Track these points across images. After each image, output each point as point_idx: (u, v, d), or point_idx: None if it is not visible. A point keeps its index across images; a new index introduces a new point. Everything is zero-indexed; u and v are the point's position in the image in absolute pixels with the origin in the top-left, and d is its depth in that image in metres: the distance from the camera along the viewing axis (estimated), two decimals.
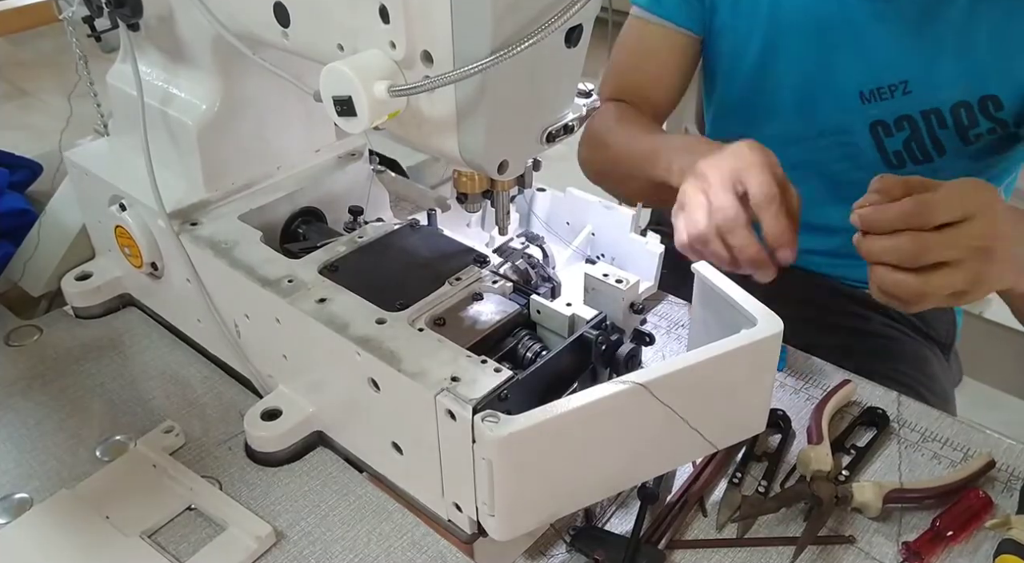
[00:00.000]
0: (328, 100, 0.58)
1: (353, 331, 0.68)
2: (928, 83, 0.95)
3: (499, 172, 0.63)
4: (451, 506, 0.68)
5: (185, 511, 0.72)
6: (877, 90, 0.97)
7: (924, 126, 0.97)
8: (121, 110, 0.89)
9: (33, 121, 3.15)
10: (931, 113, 0.96)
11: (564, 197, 0.91)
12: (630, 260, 0.87)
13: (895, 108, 0.97)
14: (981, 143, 0.97)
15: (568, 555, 0.69)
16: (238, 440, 0.79)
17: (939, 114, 0.95)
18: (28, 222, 1.02)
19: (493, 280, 0.76)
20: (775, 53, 1.03)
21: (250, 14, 0.69)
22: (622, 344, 0.71)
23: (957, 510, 0.70)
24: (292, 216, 0.89)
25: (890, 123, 0.98)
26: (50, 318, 0.95)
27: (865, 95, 0.98)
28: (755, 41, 1.04)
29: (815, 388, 0.84)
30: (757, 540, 0.70)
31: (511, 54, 0.52)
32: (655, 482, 0.72)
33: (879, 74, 0.97)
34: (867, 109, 0.99)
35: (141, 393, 0.85)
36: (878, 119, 0.99)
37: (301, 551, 0.69)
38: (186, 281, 0.82)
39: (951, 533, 0.68)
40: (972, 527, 0.69)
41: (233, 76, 0.81)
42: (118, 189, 0.86)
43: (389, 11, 0.57)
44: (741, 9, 1.04)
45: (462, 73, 0.54)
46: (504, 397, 0.62)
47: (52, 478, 0.76)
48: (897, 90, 0.96)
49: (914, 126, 0.97)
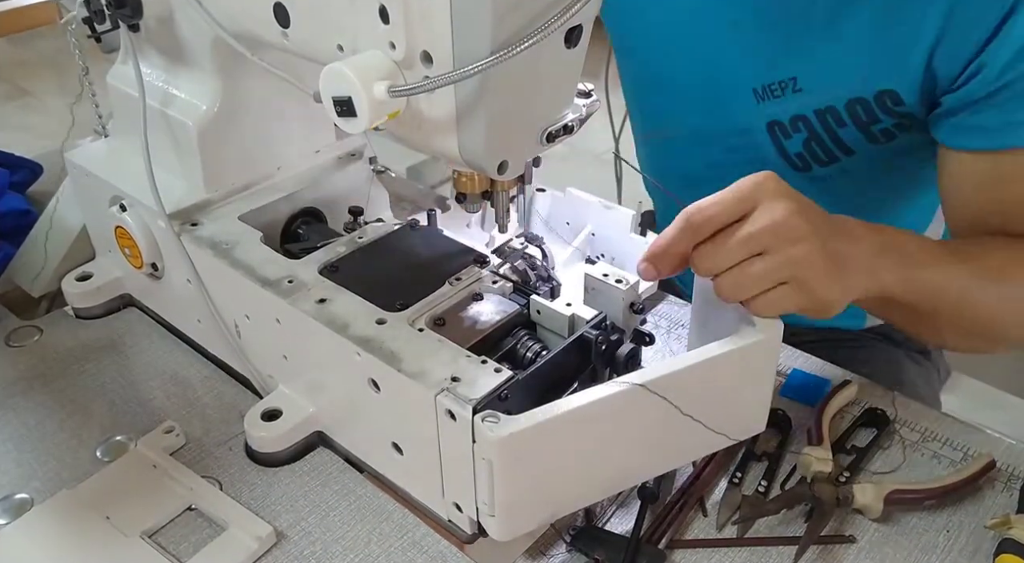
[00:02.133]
0: (328, 101, 0.58)
1: (353, 331, 0.68)
2: (817, 79, 0.89)
3: (499, 172, 0.63)
4: (451, 506, 0.68)
5: (185, 511, 0.72)
6: (768, 87, 0.92)
7: (821, 126, 0.90)
8: (121, 111, 0.89)
9: (33, 121, 3.16)
10: (826, 112, 0.89)
11: (564, 197, 0.91)
12: (630, 260, 0.87)
13: (788, 107, 0.91)
14: (894, 142, 0.89)
15: (568, 555, 0.69)
16: (238, 440, 0.79)
17: (834, 112, 0.89)
18: (28, 222, 1.02)
19: (493, 280, 0.76)
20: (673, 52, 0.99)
21: (250, 14, 0.69)
22: (622, 344, 0.71)
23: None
24: (292, 216, 0.89)
25: (786, 123, 0.92)
26: (50, 318, 0.95)
27: (759, 92, 0.92)
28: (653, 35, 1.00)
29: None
30: (757, 540, 0.70)
31: (511, 54, 0.52)
32: (655, 482, 0.72)
33: (767, 71, 0.91)
34: (762, 108, 0.93)
35: (141, 393, 0.85)
36: (774, 119, 0.93)
37: (301, 551, 0.69)
38: (186, 281, 0.82)
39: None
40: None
41: (233, 77, 0.81)
42: (118, 190, 0.86)
43: (389, 11, 0.57)
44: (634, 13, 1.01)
45: (462, 73, 0.54)
46: (504, 397, 0.62)
47: (52, 478, 0.76)
48: (788, 87, 0.90)
49: (810, 126, 0.91)
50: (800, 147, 0.93)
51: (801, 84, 0.90)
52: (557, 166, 0.92)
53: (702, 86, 0.98)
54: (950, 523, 0.71)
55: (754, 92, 0.93)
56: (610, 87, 1.31)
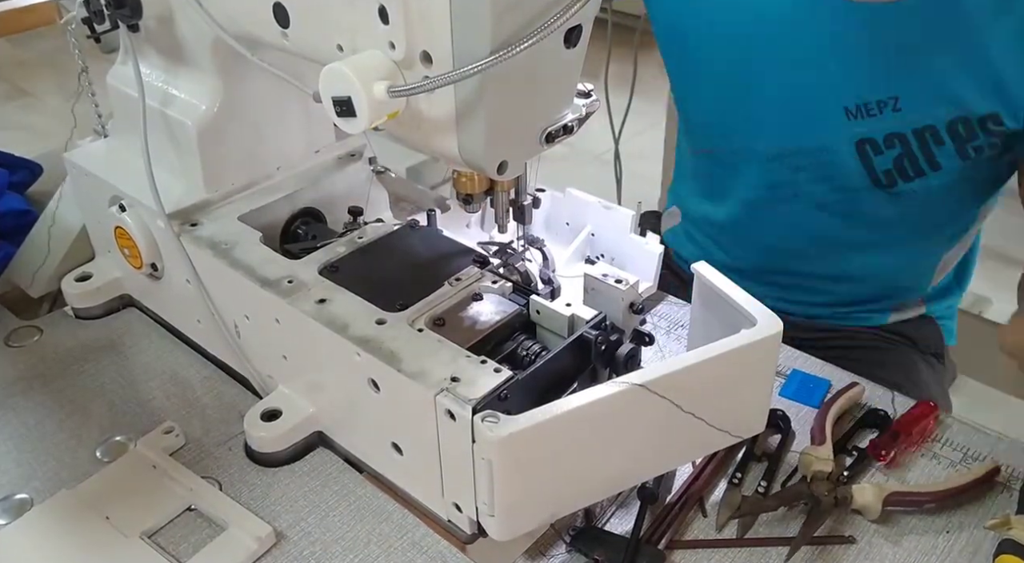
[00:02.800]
0: (327, 100, 0.58)
1: (353, 331, 0.68)
2: (921, 99, 0.89)
3: (499, 172, 0.63)
4: (451, 506, 0.68)
5: (185, 511, 0.72)
6: (864, 106, 0.91)
7: (917, 144, 0.91)
8: (121, 111, 0.89)
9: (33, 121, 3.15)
10: (925, 131, 0.90)
11: (564, 197, 0.91)
12: (630, 260, 0.87)
13: (884, 125, 0.91)
14: (981, 156, 0.91)
15: (568, 555, 0.69)
16: (238, 440, 0.79)
17: (934, 132, 0.89)
18: (28, 222, 1.02)
19: (493, 280, 0.76)
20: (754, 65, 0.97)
21: (249, 15, 0.69)
22: (622, 344, 0.71)
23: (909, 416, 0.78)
24: (292, 216, 0.89)
25: (879, 141, 0.92)
26: (50, 319, 0.96)
27: (851, 111, 0.92)
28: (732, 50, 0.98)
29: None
30: (757, 540, 0.70)
31: (510, 55, 0.52)
32: (655, 482, 0.72)
33: (867, 89, 0.91)
34: (853, 126, 0.92)
35: (141, 394, 0.85)
36: (865, 137, 0.92)
37: (301, 551, 0.69)
38: (186, 282, 0.82)
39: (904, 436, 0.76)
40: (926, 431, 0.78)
41: (233, 77, 0.81)
42: (118, 190, 0.86)
43: (388, 11, 0.57)
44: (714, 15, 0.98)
45: (461, 73, 0.54)
46: (504, 397, 0.62)
47: (52, 479, 0.76)
48: (887, 106, 0.90)
49: (906, 144, 0.91)
50: (890, 164, 0.93)
51: (903, 104, 0.90)
52: (557, 166, 0.92)
53: (787, 102, 0.96)
54: (950, 524, 0.71)
55: (846, 110, 0.92)
56: (610, 87, 1.31)
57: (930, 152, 0.91)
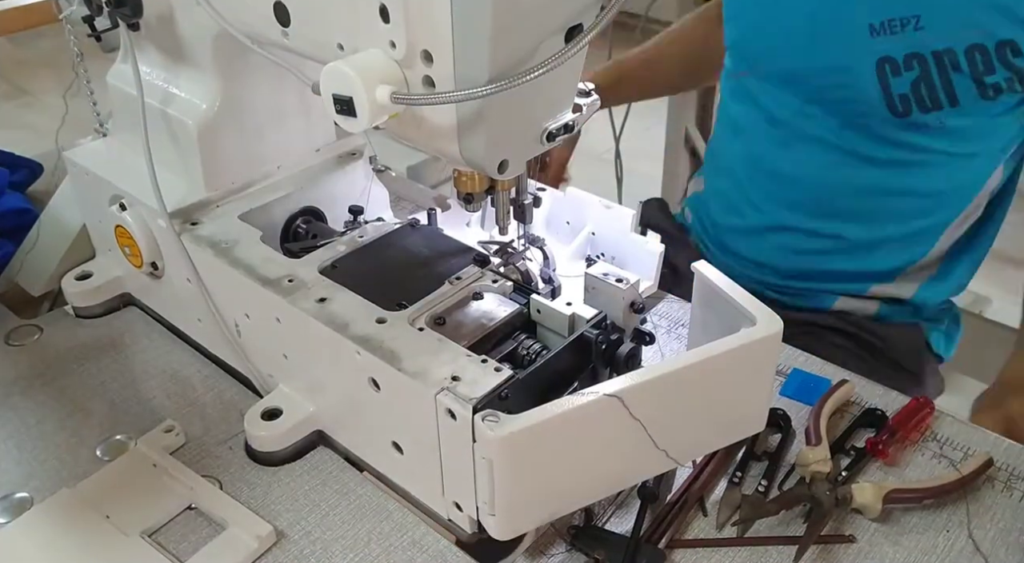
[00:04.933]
0: (328, 98, 0.58)
1: (353, 330, 0.68)
2: (942, 19, 0.89)
3: (499, 172, 0.63)
4: (451, 505, 0.68)
5: (185, 511, 0.72)
6: (888, 22, 0.91)
7: (936, 68, 0.91)
8: (121, 110, 0.89)
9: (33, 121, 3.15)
10: (943, 54, 0.90)
11: (564, 197, 0.91)
12: (630, 259, 0.87)
13: (905, 44, 0.91)
14: (1000, 100, 0.91)
15: (568, 555, 0.69)
16: (238, 440, 0.79)
17: (952, 56, 0.90)
18: (28, 221, 1.02)
19: (493, 279, 0.76)
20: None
21: (250, 13, 0.69)
22: (622, 343, 0.71)
23: (905, 412, 0.79)
24: (292, 216, 0.89)
25: (899, 60, 0.92)
26: (50, 318, 0.96)
27: (875, 27, 0.92)
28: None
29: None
30: (757, 539, 0.70)
31: (513, 85, 0.53)
32: (655, 481, 0.72)
33: (890, 4, 0.91)
34: (875, 43, 0.93)
35: (141, 393, 0.85)
36: (886, 55, 0.93)
37: (301, 551, 0.69)
38: (186, 281, 0.82)
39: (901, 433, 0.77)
40: (922, 425, 0.79)
41: (233, 76, 0.81)
42: (118, 189, 0.86)
43: (389, 11, 0.57)
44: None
45: (467, 94, 0.54)
46: (504, 396, 0.62)
47: (52, 477, 0.76)
48: (909, 24, 0.90)
49: (924, 66, 0.91)
50: (907, 88, 0.93)
51: (924, 22, 0.90)
52: None
53: (815, 16, 0.97)
54: (950, 523, 0.71)
55: (870, 27, 0.93)
56: None
57: (948, 79, 0.91)
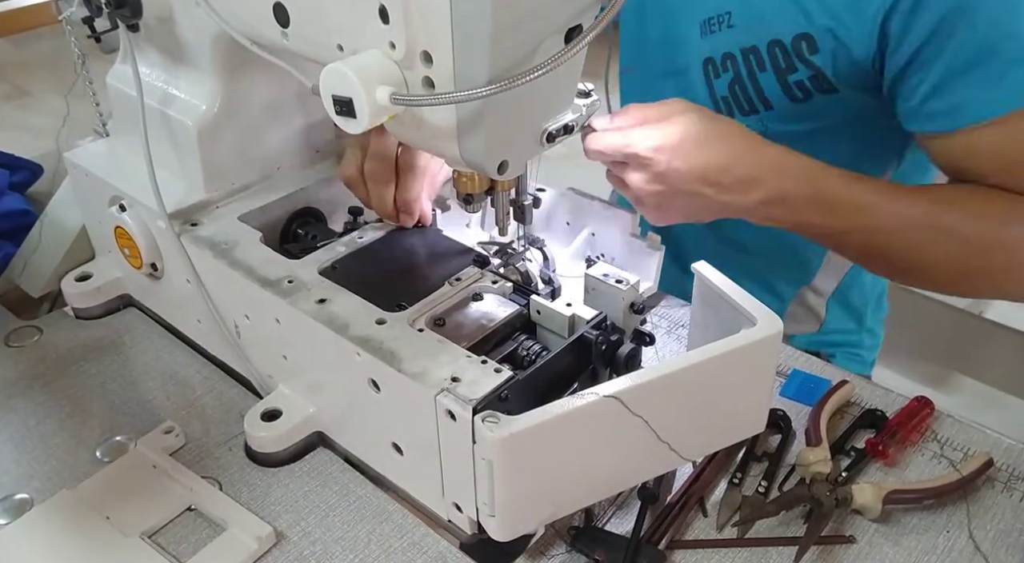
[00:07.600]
0: (328, 99, 0.58)
1: (353, 331, 0.68)
2: (748, 15, 0.86)
3: (499, 172, 0.63)
4: (451, 506, 0.68)
5: (185, 511, 0.72)
6: (708, 21, 0.89)
7: (744, 67, 0.88)
8: (121, 111, 0.89)
9: (33, 121, 3.15)
10: (750, 52, 0.87)
11: (564, 197, 0.91)
12: (630, 260, 0.87)
13: (722, 43, 0.89)
14: (811, 103, 0.87)
15: (568, 556, 0.69)
16: (238, 440, 0.79)
17: (757, 53, 0.86)
18: (28, 222, 1.02)
19: (493, 280, 0.76)
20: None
21: (250, 14, 0.69)
22: (622, 344, 0.71)
23: (905, 413, 0.79)
24: (292, 216, 0.89)
25: (717, 61, 0.89)
26: (50, 319, 0.96)
27: (703, 27, 0.90)
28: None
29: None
30: (757, 540, 0.70)
31: (513, 86, 0.53)
32: (655, 482, 0.72)
33: (709, 2, 0.89)
34: (702, 44, 0.90)
35: (141, 393, 0.85)
36: (708, 56, 0.90)
37: (301, 552, 0.69)
38: (186, 282, 0.82)
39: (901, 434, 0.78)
40: (922, 425, 0.79)
41: (233, 77, 0.81)
42: (118, 190, 0.86)
43: (389, 11, 0.57)
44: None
45: (468, 95, 0.54)
46: (504, 397, 0.62)
47: (52, 478, 0.76)
48: (724, 22, 0.87)
49: (736, 66, 0.88)
50: (726, 89, 0.91)
51: (735, 19, 0.88)
52: (557, 166, 0.92)
53: (664, 19, 0.95)
54: (950, 523, 0.71)
55: (700, 27, 0.91)
56: (610, 87, 1.31)
57: (756, 80, 0.89)
